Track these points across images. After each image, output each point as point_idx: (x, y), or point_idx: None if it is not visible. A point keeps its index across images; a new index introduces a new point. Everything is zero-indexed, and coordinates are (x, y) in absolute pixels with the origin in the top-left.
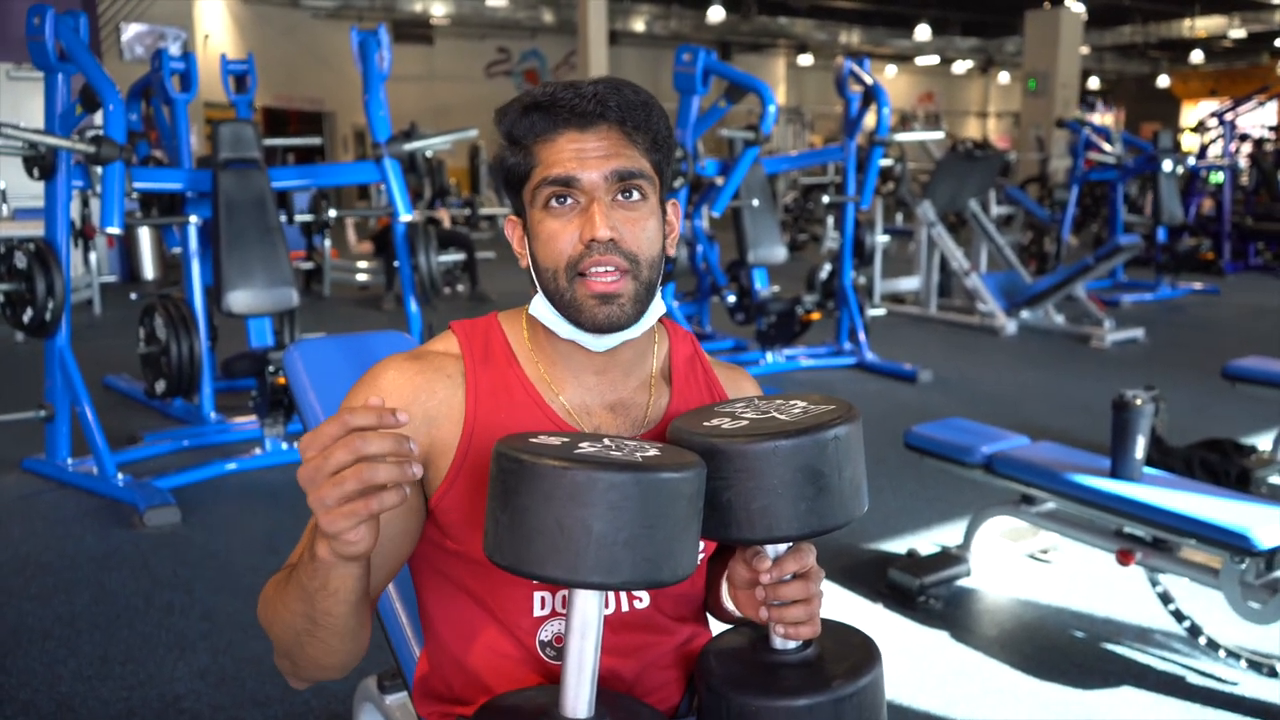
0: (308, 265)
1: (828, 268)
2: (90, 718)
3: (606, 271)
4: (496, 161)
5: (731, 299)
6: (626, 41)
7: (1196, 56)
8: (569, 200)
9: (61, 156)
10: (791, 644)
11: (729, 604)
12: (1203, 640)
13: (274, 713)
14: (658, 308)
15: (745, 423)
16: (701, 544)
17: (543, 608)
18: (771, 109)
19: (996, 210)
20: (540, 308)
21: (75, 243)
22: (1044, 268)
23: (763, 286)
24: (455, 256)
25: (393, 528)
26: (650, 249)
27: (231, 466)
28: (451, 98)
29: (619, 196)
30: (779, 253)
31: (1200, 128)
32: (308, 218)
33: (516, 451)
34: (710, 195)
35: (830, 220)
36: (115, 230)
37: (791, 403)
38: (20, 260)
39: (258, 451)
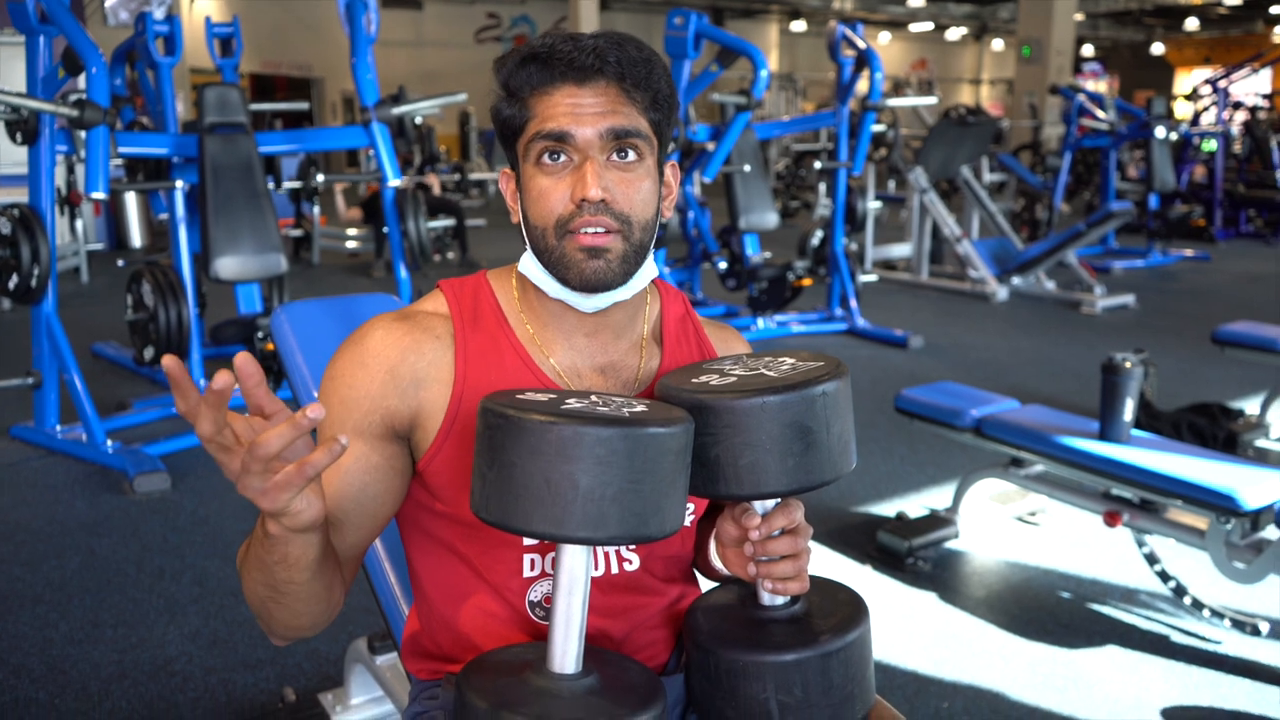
0: (296, 233)
1: (819, 234)
2: (82, 680)
3: (596, 232)
4: (493, 112)
5: (723, 265)
6: (618, 6)
7: (1191, 24)
8: (562, 157)
9: (44, 120)
10: (779, 600)
11: (717, 562)
12: (1188, 600)
13: (265, 674)
14: (649, 270)
15: (734, 379)
16: (691, 506)
17: (532, 569)
18: (763, 74)
19: (989, 177)
20: (529, 265)
21: (61, 210)
22: (1036, 234)
23: (754, 252)
24: (445, 223)
25: (373, 488)
26: (643, 211)
27: None
28: (441, 64)
29: (614, 155)
30: (770, 219)
31: (1194, 95)
32: (296, 184)
33: (503, 407)
34: (702, 160)
35: (822, 186)
36: (100, 195)
37: (780, 359)
38: (4, 226)
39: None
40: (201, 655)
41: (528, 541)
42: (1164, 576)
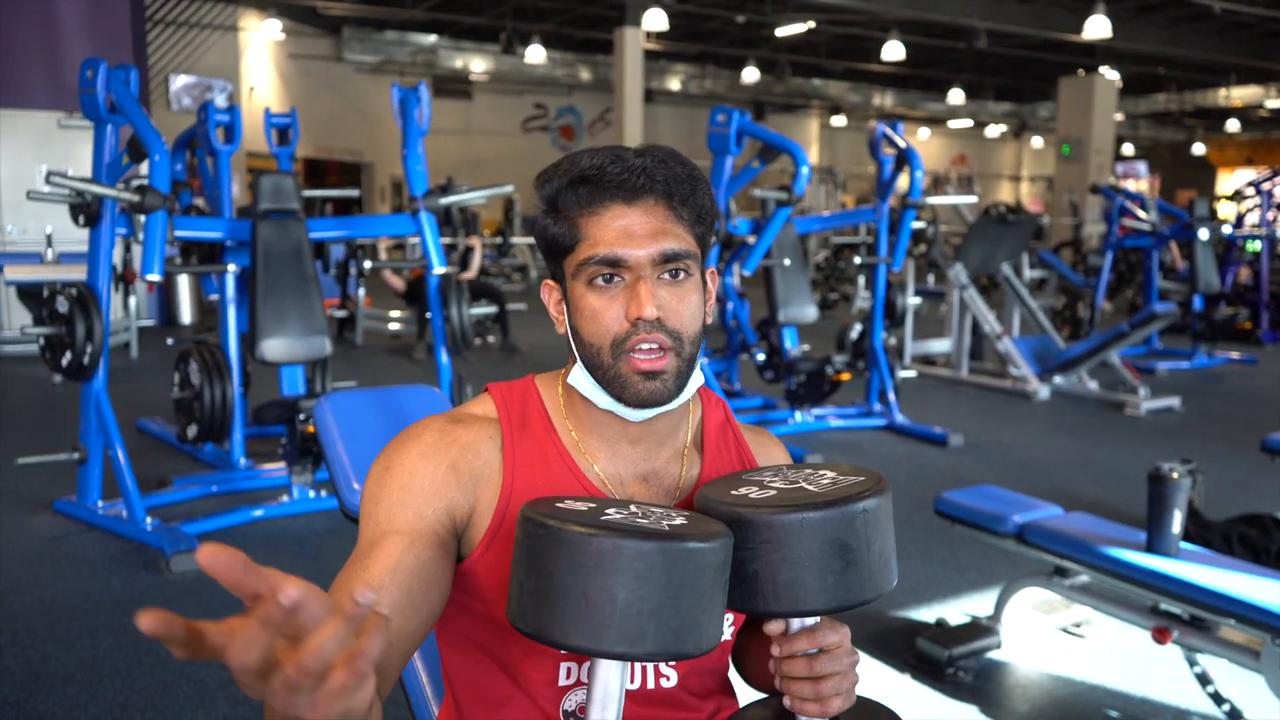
0: (341, 313)
1: (858, 328)
2: None
3: (651, 350)
4: (537, 229)
5: (761, 357)
6: (661, 100)
7: (1232, 125)
8: (615, 278)
9: (107, 205)
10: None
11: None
12: None
13: None
14: (696, 379)
15: (773, 492)
16: (729, 617)
17: (568, 677)
18: (804, 170)
19: (1030, 274)
20: (580, 378)
21: (115, 287)
22: (1077, 333)
23: (793, 345)
24: (487, 310)
25: (422, 582)
26: (693, 325)
27: (259, 513)
28: (488, 151)
29: (664, 276)
30: (810, 312)
31: (1237, 196)
32: (347, 269)
33: (543, 516)
34: (742, 254)
35: (861, 280)
36: (156, 278)
37: (820, 472)
38: (62, 305)
39: (285, 499)
40: None
41: (564, 662)
42: (1217, 699)
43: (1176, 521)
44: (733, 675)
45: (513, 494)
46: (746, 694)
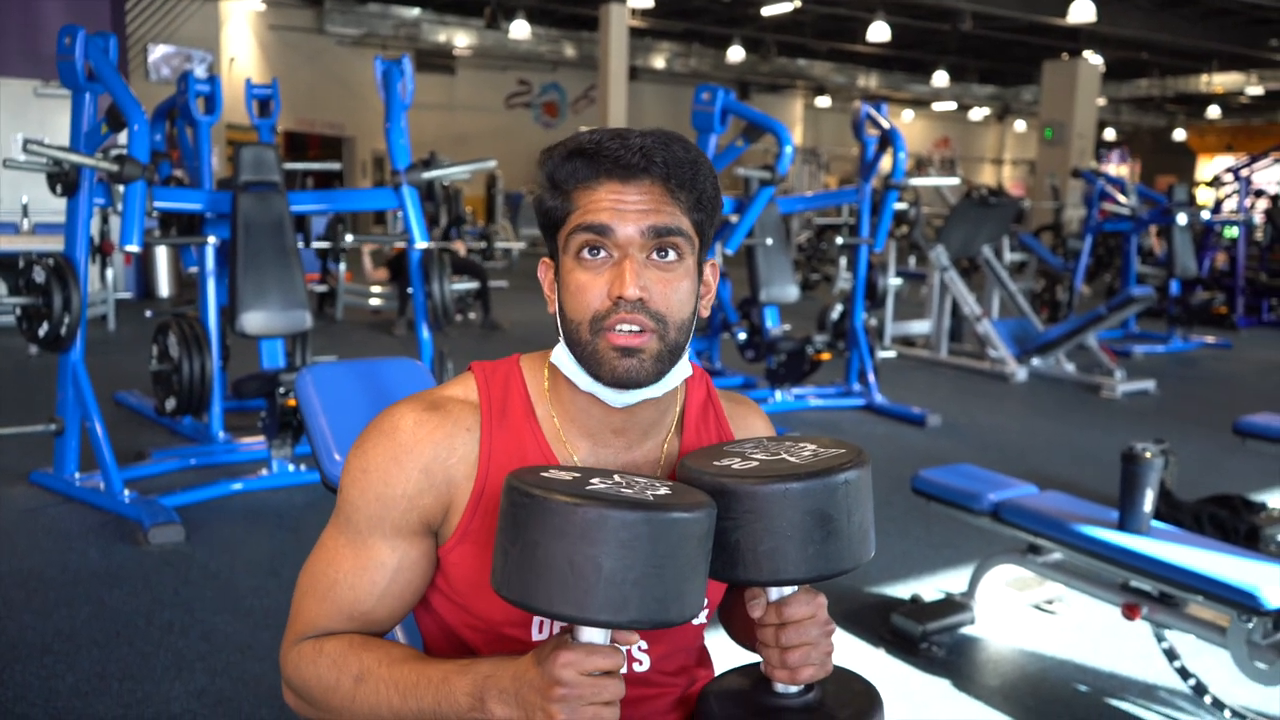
0: (321, 288)
1: (839, 308)
2: None
3: (631, 331)
4: (536, 203)
5: (742, 336)
6: (646, 78)
7: (1213, 112)
8: (601, 253)
9: (85, 174)
10: (793, 688)
11: None
12: (1208, 699)
13: None
14: (683, 368)
15: (755, 463)
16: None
17: None
18: (788, 150)
19: (1010, 257)
20: (562, 356)
21: (92, 259)
22: (1056, 316)
23: (774, 325)
24: (469, 285)
25: (406, 576)
26: (680, 311)
27: (237, 486)
28: (471, 127)
29: (654, 254)
30: (791, 292)
31: (1216, 182)
32: (324, 244)
33: (528, 486)
34: (724, 232)
35: (843, 261)
36: (134, 248)
37: (801, 445)
38: (39, 275)
39: (264, 472)
40: (207, 713)
41: (536, 636)
42: (1184, 673)
43: (1148, 500)
44: (715, 645)
45: (486, 489)
46: (723, 665)
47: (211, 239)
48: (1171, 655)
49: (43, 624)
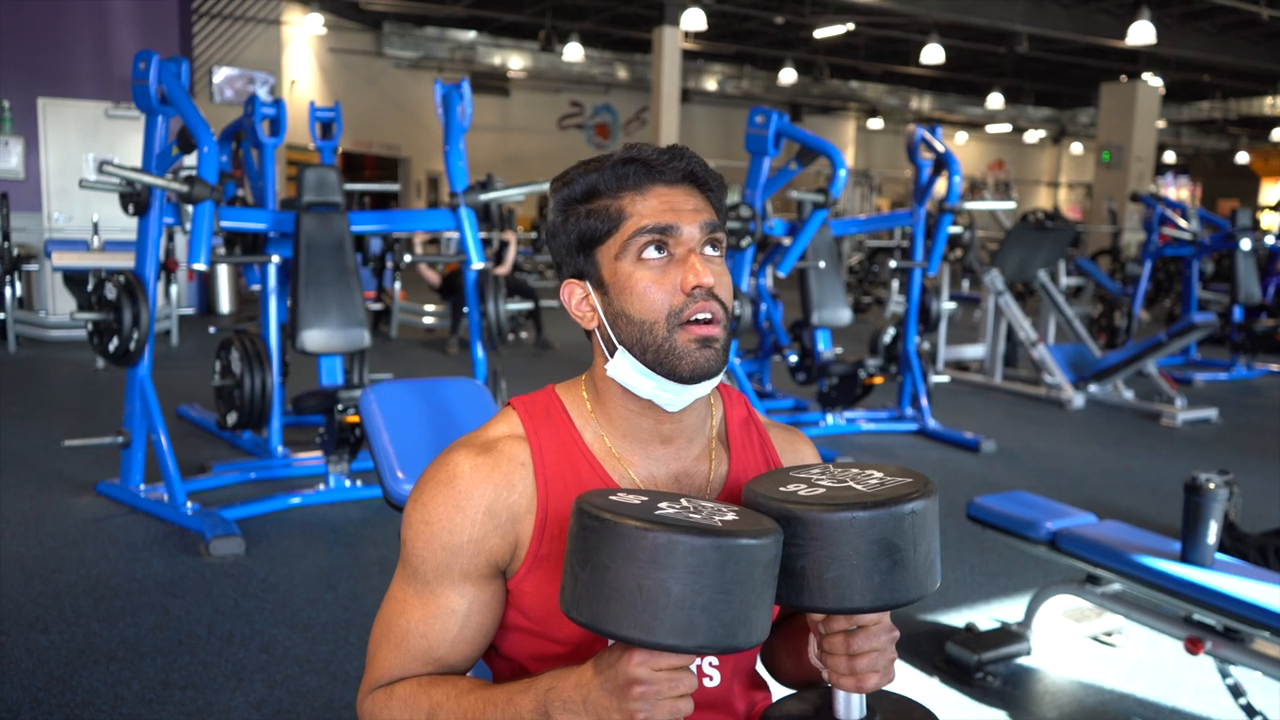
0: (377, 306)
1: (891, 332)
2: None
3: (708, 318)
4: (561, 229)
5: (793, 359)
6: (698, 99)
7: (1277, 134)
8: (664, 251)
9: (156, 194)
10: (855, 714)
11: (814, 660)
12: None
13: None
14: None
15: (822, 490)
16: None
17: None
18: (842, 174)
19: (1066, 281)
20: (622, 368)
21: (158, 276)
22: (1114, 342)
23: (826, 348)
24: (522, 305)
25: (478, 618)
26: (730, 299)
27: (295, 501)
28: (524, 148)
29: (707, 249)
30: (844, 315)
31: None
32: (386, 264)
33: (598, 510)
34: (777, 255)
35: (895, 283)
36: (202, 267)
37: (868, 472)
38: (110, 291)
39: (321, 487)
40: None
41: None
42: (1250, 711)
43: (1212, 532)
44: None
45: (548, 515)
46: (777, 689)
47: (275, 258)
48: (1237, 692)
49: (109, 631)
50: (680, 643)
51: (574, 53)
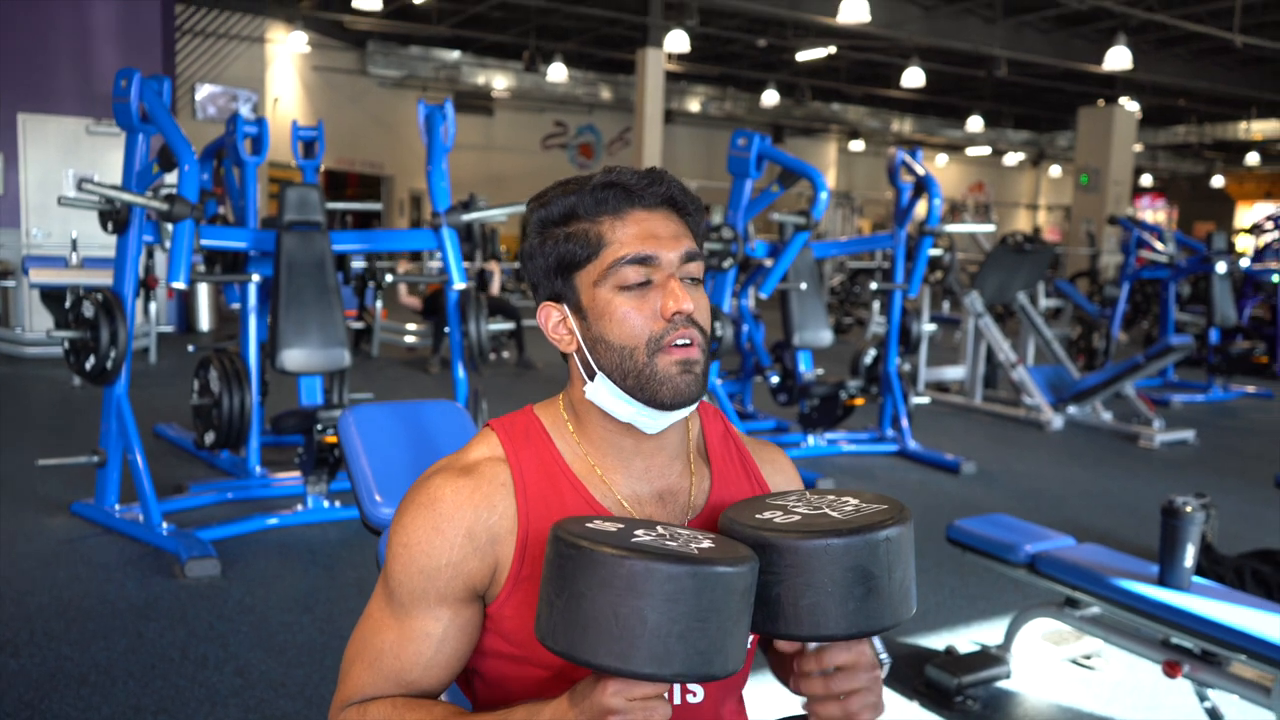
0: (358, 325)
1: (872, 353)
2: None
3: (687, 344)
4: (539, 250)
5: (775, 380)
6: (681, 120)
7: (1252, 158)
8: (644, 279)
9: (135, 212)
10: None
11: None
12: None
13: None
14: None
15: (797, 517)
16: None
17: None
18: (824, 196)
19: (1045, 303)
20: (601, 392)
21: (137, 293)
22: (1092, 363)
23: (807, 369)
24: (504, 326)
25: (452, 644)
26: (709, 325)
27: (273, 521)
28: (508, 167)
29: (686, 275)
30: (825, 336)
31: (1256, 229)
32: (361, 264)
33: (574, 537)
34: (759, 276)
35: (876, 305)
36: (181, 285)
37: (843, 499)
38: (88, 309)
39: (299, 508)
40: None
41: None
42: None
43: (1189, 555)
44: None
45: (529, 537)
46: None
47: (255, 276)
48: (1214, 716)
49: (80, 655)
50: (656, 671)
51: (558, 73)
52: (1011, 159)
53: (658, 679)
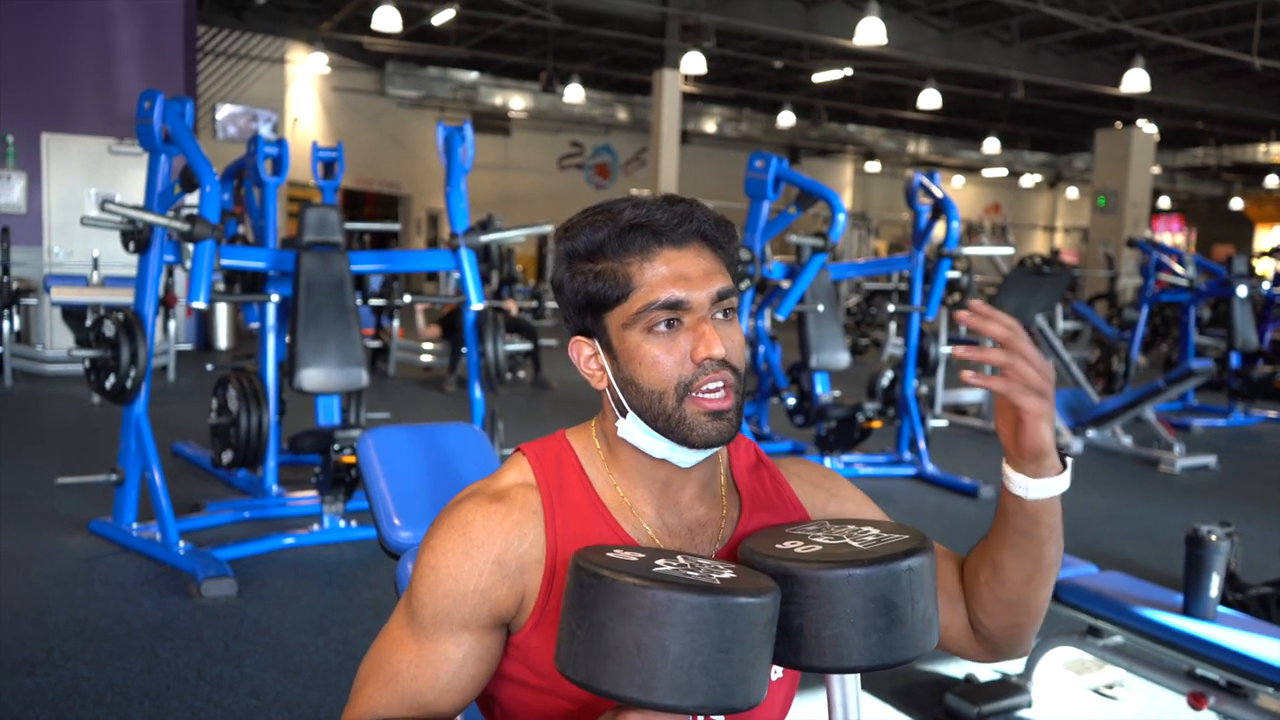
0: (375, 344)
1: (890, 375)
2: None
3: (718, 389)
4: (569, 284)
5: (791, 401)
6: (697, 141)
7: (1271, 181)
8: (674, 323)
9: (157, 232)
10: None
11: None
12: None
13: None
14: None
15: (818, 547)
16: (779, 671)
17: None
18: (841, 218)
19: (1063, 325)
20: (633, 431)
21: (156, 311)
22: (1111, 387)
23: (824, 391)
24: (521, 346)
25: (470, 670)
26: (742, 360)
27: (289, 541)
28: (524, 187)
29: (718, 315)
30: (842, 358)
31: (1276, 252)
32: (380, 302)
33: (596, 567)
34: (775, 298)
35: (893, 326)
36: (201, 305)
37: (865, 529)
38: (109, 328)
39: (316, 527)
40: None
41: None
42: None
43: (1214, 585)
44: None
45: (557, 562)
46: None
47: (274, 296)
48: None
49: (97, 675)
50: (678, 703)
51: (575, 94)
52: (1028, 180)
53: (680, 711)
